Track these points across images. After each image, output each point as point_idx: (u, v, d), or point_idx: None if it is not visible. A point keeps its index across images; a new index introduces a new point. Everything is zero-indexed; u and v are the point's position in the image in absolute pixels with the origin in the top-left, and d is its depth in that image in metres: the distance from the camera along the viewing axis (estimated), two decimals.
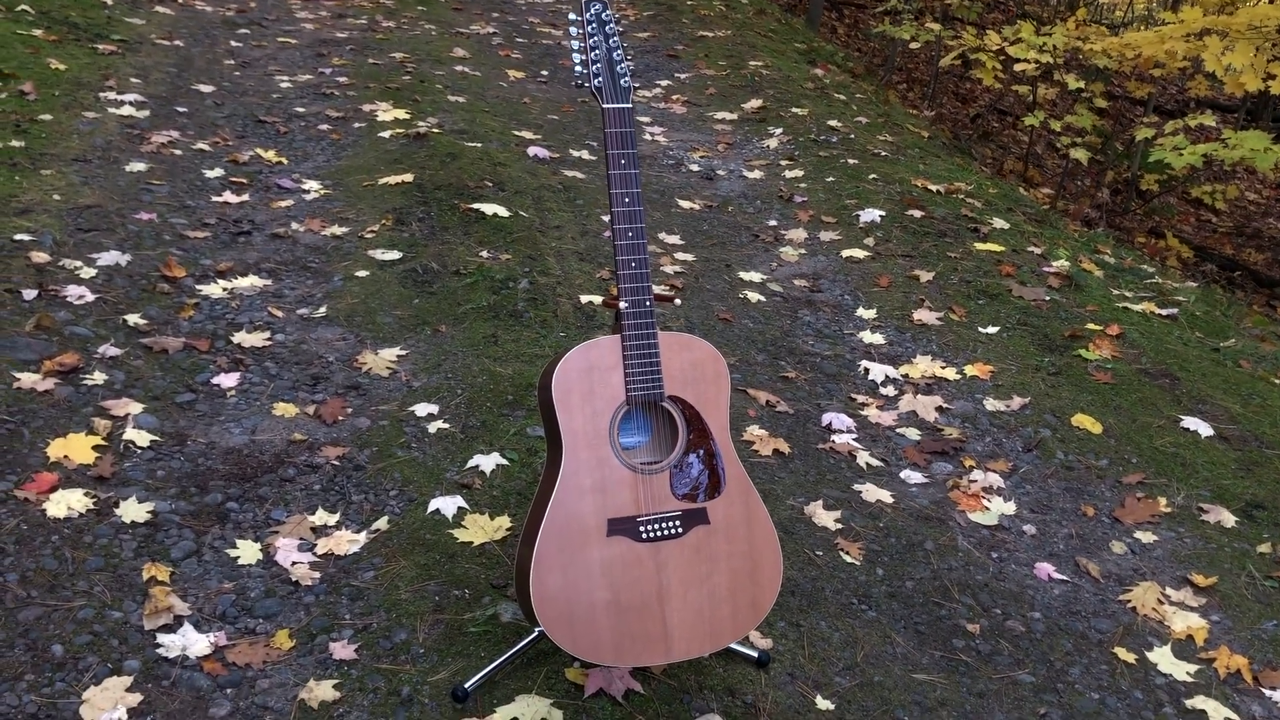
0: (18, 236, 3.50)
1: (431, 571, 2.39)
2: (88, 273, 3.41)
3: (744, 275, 4.07)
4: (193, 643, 2.12)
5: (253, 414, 2.89)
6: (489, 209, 4.16)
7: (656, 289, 3.72)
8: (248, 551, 2.40)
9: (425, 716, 2.03)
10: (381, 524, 2.52)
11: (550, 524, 1.87)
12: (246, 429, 2.82)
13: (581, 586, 1.89)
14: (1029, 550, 2.75)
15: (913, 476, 2.99)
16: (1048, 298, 4.07)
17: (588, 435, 1.91)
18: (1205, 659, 2.44)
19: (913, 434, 3.18)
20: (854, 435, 3.14)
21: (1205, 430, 3.31)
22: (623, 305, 1.93)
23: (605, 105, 1.97)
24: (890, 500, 2.86)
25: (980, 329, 3.82)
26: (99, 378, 2.90)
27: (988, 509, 2.89)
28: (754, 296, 3.89)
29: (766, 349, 3.56)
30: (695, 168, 5.16)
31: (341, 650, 2.15)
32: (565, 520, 1.88)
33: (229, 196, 4.16)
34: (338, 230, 3.98)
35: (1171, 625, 2.53)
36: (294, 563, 2.37)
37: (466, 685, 2.06)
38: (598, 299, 3.67)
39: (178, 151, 4.50)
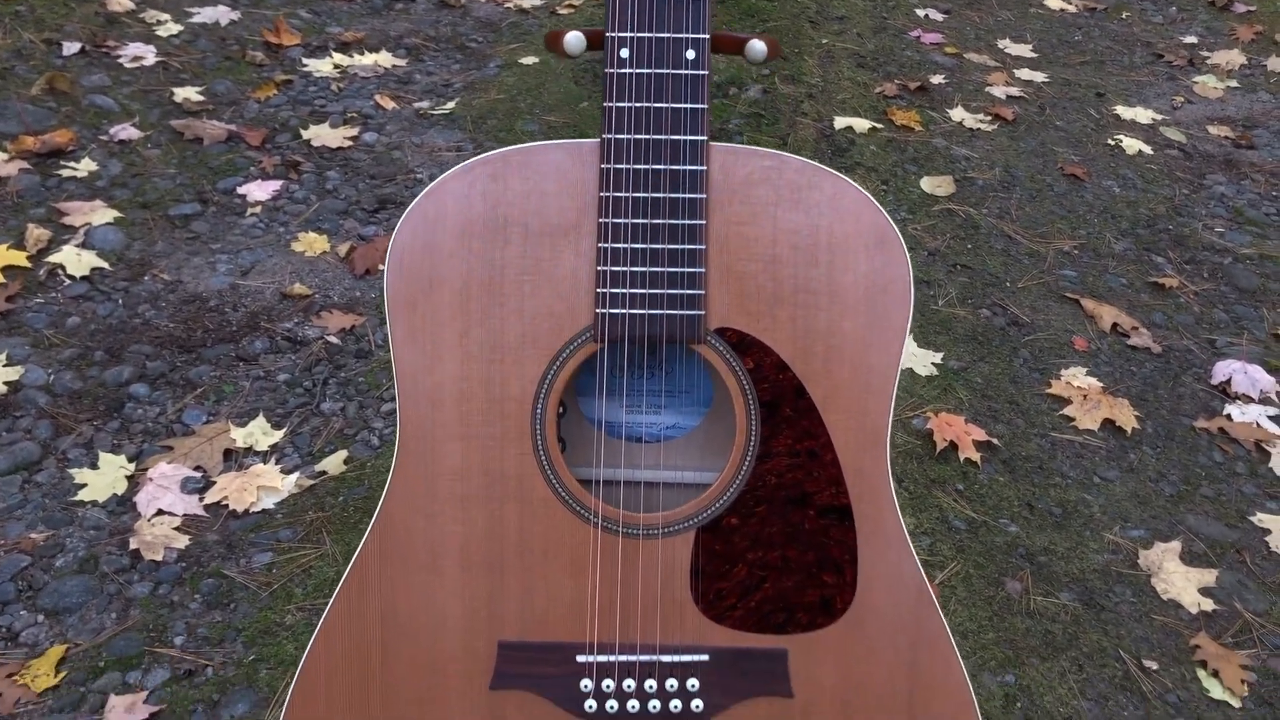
0: None
1: None
2: (169, 30, 2.52)
3: (1124, 111, 2.55)
4: None
5: (263, 245, 1.89)
6: None
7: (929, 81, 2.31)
8: (104, 478, 1.41)
9: None
10: (334, 463, 1.45)
11: (328, 639, 0.71)
12: (238, 267, 1.83)
13: None
14: None
15: None
16: None
17: (469, 407, 0.70)
18: None
19: None
20: (1270, 409, 1.68)
21: None
22: (620, 49, 0.68)
23: None
24: None
25: None
26: (84, 168, 2.00)
27: None
28: (1133, 145, 2.39)
29: (1134, 233, 2.10)
30: None
31: None
32: (378, 635, 0.70)
33: None
34: (529, 1, 2.86)
35: None
36: (158, 512, 1.36)
37: None
38: (863, 124, 2.33)
39: None
